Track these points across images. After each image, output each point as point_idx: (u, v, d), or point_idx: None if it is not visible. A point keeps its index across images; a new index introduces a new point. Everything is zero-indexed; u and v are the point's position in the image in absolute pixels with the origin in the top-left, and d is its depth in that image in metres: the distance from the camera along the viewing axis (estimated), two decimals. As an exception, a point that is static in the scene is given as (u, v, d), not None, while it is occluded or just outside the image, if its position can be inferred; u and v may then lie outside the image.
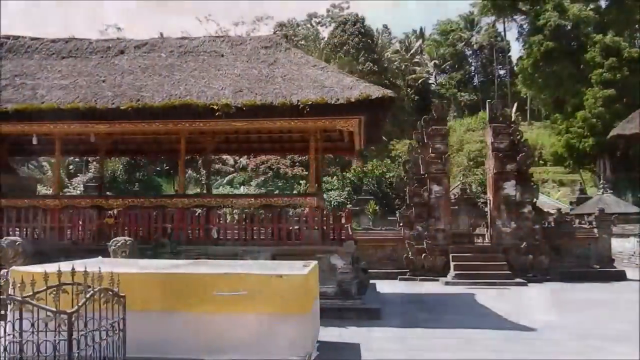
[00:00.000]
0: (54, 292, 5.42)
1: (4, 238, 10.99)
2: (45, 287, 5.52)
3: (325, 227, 12.24)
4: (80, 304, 5.23)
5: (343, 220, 12.31)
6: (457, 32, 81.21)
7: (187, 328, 6.67)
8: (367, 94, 11.15)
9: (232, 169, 40.95)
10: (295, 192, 28.53)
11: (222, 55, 13.83)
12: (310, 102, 11.22)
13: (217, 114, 11.41)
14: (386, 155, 46.50)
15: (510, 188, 19.55)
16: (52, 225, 12.73)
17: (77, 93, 12.16)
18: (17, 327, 5.13)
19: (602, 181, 35.68)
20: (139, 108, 11.57)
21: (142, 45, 14.43)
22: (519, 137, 19.96)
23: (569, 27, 49.27)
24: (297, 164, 40.51)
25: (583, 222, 21.77)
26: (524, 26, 62.48)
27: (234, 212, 12.99)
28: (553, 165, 52.10)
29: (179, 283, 6.81)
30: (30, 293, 5.31)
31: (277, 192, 30.26)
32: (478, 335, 9.28)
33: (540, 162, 52.43)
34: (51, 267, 7.60)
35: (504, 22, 79.05)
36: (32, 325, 5.15)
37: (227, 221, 12.46)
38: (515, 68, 63.37)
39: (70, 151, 17.04)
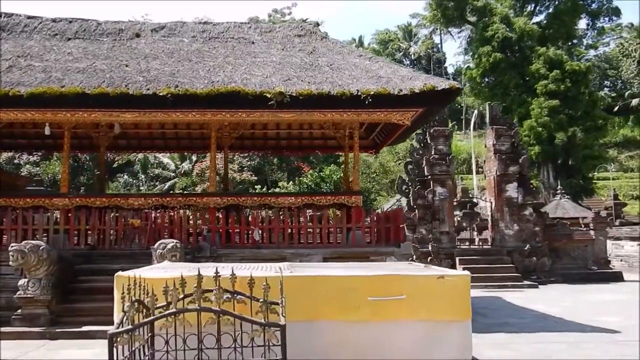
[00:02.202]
0: (227, 300, 4.34)
1: (25, 242, 9.35)
2: (182, 296, 4.43)
3: (378, 228, 11.41)
4: (282, 314, 4.18)
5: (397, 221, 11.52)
6: (395, 42, 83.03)
7: (337, 339, 5.66)
8: (432, 85, 10.49)
9: (173, 174, 38.98)
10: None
11: (253, 43, 12.75)
12: (371, 93, 10.40)
13: (270, 102, 10.34)
14: (332, 161, 46.12)
15: (512, 190, 19.53)
16: (62, 227, 11.11)
17: (101, 77, 10.68)
18: (207, 342, 4.00)
19: (559, 187, 37.02)
20: (179, 95, 10.29)
21: (160, 28, 13.08)
22: (519, 139, 20.02)
23: (515, 39, 51.30)
24: (246, 168, 39.20)
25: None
26: (472, 37, 64.60)
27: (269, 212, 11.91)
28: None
29: (328, 287, 5.79)
30: (163, 303, 4.26)
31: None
32: (575, 339, 8.80)
33: (480, 169, 54.11)
34: (157, 272, 6.34)
35: (440, 34, 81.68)
36: (218, 340, 4.05)
37: (269, 222, 11.33)
38: (460, 78, 65.29)
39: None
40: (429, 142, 19.78)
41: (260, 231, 11.25)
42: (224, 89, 10.37)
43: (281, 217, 11.43)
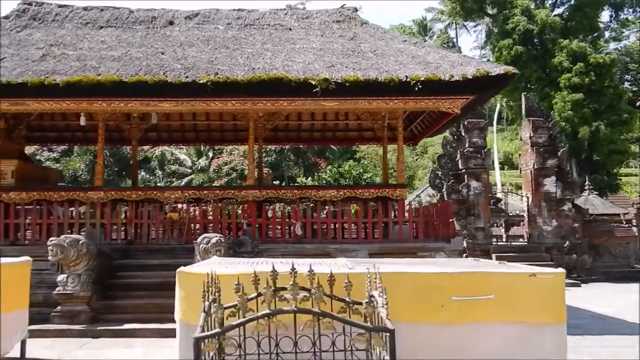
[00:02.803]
0: (304, 299, 3.85)
1: (64, 236, 8.97)
2: (254, 295, 3.95)
3: (426, 222, 10.88)
4: (387, 317, 3.67)
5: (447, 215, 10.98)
6: (410, 37, 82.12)
7: (417, 343, 5.14)
8: (486, 71, 9.92)
9: (190, 170, 38.67)
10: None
11: (290, 29, 12.26)
12: (421, 79, 9.86)
13: (314, 90, 9.84)
14: (349, 156, 45.46)
15: (550, 184, 18.84)
16: (98, 221, 10.72)
17: (137, 65, 10.27)
18: (304, 347, 3.52)
19: (587, 182, 36.09)
20: (219, 82, 9.83)
21: (193, 16, 12.64)
22: (557, 131, 19.33)
23: (536, 32, 50.29)
24: (263, 164, 38.73)
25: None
26: (490, 30, 63.57)
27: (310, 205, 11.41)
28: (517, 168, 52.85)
29: (408, 285, 5.27)
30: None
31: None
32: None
33: (502, 165, 53.14)
34: (218, 268, 5.86)
35: (456, 28, 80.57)
36: (315, 344, 3.57)
37: (313, 215, 10.84)
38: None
39: (92, 139, 14.80)
40: (462, 134, 19.16)
41: (301, 225, 10.76)
42: (266, 76, 9.89)
43: (324, 210, 10.93)
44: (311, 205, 10.98)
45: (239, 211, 10.90)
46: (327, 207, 11.07)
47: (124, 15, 12.46)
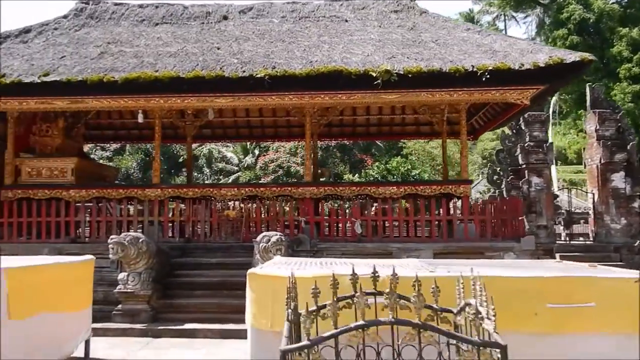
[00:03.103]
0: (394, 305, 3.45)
1: (124, 234, 8.90)
2: (332, 301, 3.58)
3: (494, 220, 10.30)
4: (494, 330, 3.25)
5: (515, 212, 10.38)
6: (466, 26, 79.96)
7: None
8: (560, 58, 9.26)
9: (237, 168, 38.79)
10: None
11: (346, 21, 11.86)
12: (489, 68, 9.29)
13: (375, 82, 9.43)
14: (395, 153, 44.57)
15: (619, 180, 17.72)
16: (156, 218, 10.65)
17: (194, 61, 10.11)
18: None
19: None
20: (277, 76, 9.56)
21: (247, 10, 12.43)
22: (626, 124, 18.19)
23: (593, 21, 48.07)
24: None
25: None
26: (542, 21, 61.29)
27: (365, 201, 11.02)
28: (577, 164, 50.59)
29: (497, 290, 4.80)
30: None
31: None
32: None
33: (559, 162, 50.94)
34: (283, 269, 5.52)
35: (505, 20, 77.91)
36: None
37: (373, 213, 10.45)
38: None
39: (147, 137, 14.87)
40: (522, 128, 18.27)
41: (361, 223, 10.38)
42: (325, 69, 9.55)
43: (384, 208, 10.50)
44: (371, 202, 10.58)
45: (297, 209, 10.61)
46: (382, 204, 10.61)
47: (179, 11, 12.38)
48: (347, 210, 10.99)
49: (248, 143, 36.91)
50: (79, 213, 10.81)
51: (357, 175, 37.07)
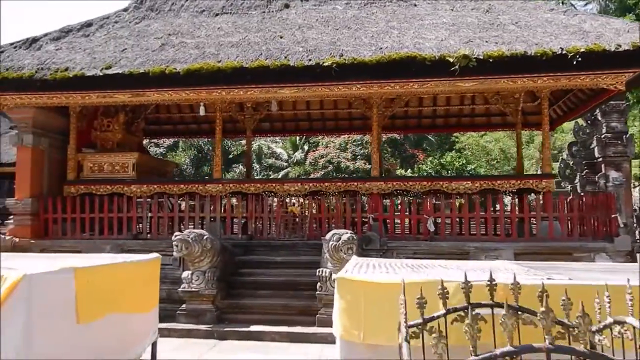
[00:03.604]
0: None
1: (188, 231, 8.55)
2: (443, 312, 2.96)
3: (583, 218, 9.41)
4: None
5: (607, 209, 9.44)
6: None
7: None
8: (664, 37, 8.25)
9: (286, 164, 38.49)
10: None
11: (415, 5, 11.14)
12: (581, 50, 8.41)
13: (452, 69, 8.71)
14: (447, 147, 43.16)
15: None
16: (218, 215, 10.31)
17: (257, 50, 9.66)
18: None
19: None
20: (345, 64, 8.98)
21: (309, -3, 11.86)
22: None
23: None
24: (359, 157, 37.74)
25: None
26: (605, 8, 58.30)
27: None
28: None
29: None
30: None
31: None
32: None
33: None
34: (385, 276, 4.93)
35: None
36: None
37: (451, 209, 9.73)
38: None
39: (206, 132, 14.65)
40: (599, 118, 17.01)
41: (434, 220, 9.69)
42: (396, 55, 8.89)
43: (459, 203, 9.77)
44: (444, 197, 9.88)
45: (363, 205, 10.03)
46: (455, 200, 9.88)
47: (239, 1, 11.97)
48: (413, 207, 10.30)
49: (297, 139, 36.67)
50: (140, 209, 10.59)
51: (409, 170, 36.14)
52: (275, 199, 10.43)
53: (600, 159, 16.76)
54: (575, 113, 12.04)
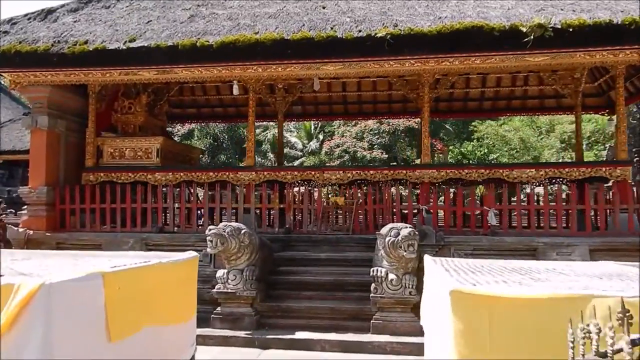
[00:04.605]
0: None
1: (223, 225, 7.54)
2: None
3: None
4: None
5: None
6: None
7: None
8: None
9: (300, 153, 37.56)
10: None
11: (470, -27, 9.95)
12: (678, 17, 7.25)
13: (525, 40, 7.60)
14: (465, 137, 41.90)
15: None
16: (253, 206, 9.31)
17: (297, 21, 8.59)
18: None
19: None
20: (402, 35, 7.91)
21: (350, -34, 10.71)
22: None
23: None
24: (376, 146, 36.76)
25: None
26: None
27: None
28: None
29: None
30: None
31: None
32: None
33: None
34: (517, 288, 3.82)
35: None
36: None
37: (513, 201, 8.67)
38: None
39: (233, 116, 13.64)
40: (650, 103, 15.81)
41: (496, 213, 8.62)
42: (460, 25, 7.79)
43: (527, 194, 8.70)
44: (506, 187, 8.82)
45: (419, 196, 8.99)
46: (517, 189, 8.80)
47: (271, -30, 10.87)
48: (471, 197, 9.22)
49: (312, 128, 35.91)
50: (167, 198, 9.64)
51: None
52: (316, 189, 9.41)
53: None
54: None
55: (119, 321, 4.10)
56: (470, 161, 32.75)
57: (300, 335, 7.14)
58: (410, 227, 7.06)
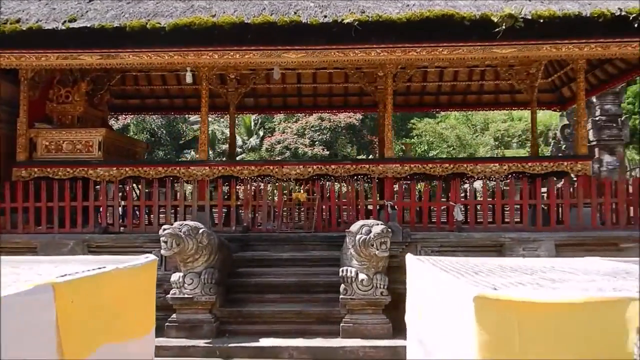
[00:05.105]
0: None
1: (179, 224, 6.88)
2: None
3: (630, 204, 8.40)
4: None
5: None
6: None
7: None
8: None
9: (240, 150, 36.98)
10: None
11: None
12: (642, 11, 7.29)
13: (495, 30, 7.41)
14: (404, 134, 42.64)
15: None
16: (207, 203, 8.67)
17: (258, 5, 8.05)
18: None
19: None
20: (369, 22, 7.53)
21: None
22: None
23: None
24: (317, 142, 36.74)
25: None
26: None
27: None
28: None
29: None
30: None
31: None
32: None
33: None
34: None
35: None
36: None
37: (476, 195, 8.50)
38: None
39: (180, 107, 12.84)
40: (593, 100, 16.29)
41: (462, 208, 8.42)
42: (431, 13, 7.51)
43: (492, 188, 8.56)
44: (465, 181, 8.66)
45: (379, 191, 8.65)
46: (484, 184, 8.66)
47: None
48: (437, 193, 9.01)
49: (252, 124, 35.46)
50: (111, 196, 8.82)
51: (369, 157, 35.19)
52: (276, 185, 8.88)
53: (594, 143, 16.08)
54: (598, 90, 11.10)
55: (73, 340, 3.41)
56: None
57: (265, 342, 6.62)
58: (382, 224, 6.69)
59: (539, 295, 2.90)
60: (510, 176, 8.73)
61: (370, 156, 33.39)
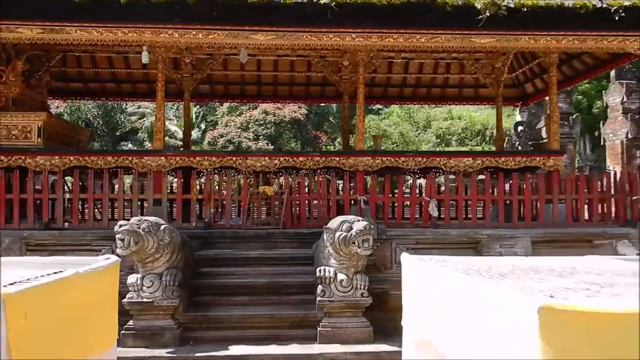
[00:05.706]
0: None
1: (138, 219, 6.11)
2: None
3: (604, 200, 8.34)
4: None
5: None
6: None
7: None
8: None
9: (181, 143, 35.85)
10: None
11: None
12: (625, 4, 7.18)
13: (479, 17, 7.10)
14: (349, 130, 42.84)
15: (645, 157, 16.41)
16: (165, 197, 7.90)
17: (222, -21, 7.33)
18: None
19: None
20: (347, 4, 7.03)
21: None
22: (653, 96, 16.81)
23: None
24: (262, 137, 36.26)
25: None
26: None
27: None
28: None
29: None
30: None
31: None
32: None
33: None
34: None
35: None
36: None
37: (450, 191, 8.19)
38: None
39: (128, 93, 11.85)
40: (545, 98, 16.53)
41: (437, 204, 8.09)
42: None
43: (466, 183, 8.27)
44: (447, 176, 8.34)
45: (351, 185, 8.18)
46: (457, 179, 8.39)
47: None
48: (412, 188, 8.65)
49: (194, 117, 34.38)
50: (54, 188, 7.88)
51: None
52: (241, 177, 8.23)
53: (547, 140, 16.28)
54: (567, 84, 11.15)
55: (28, 354, 2.73)
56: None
57: (235, 350, 5.99)
58: (364, 220, 6.20)
59: (609, 305, 2.47)
60: (485, 171, 8.46)
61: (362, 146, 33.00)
